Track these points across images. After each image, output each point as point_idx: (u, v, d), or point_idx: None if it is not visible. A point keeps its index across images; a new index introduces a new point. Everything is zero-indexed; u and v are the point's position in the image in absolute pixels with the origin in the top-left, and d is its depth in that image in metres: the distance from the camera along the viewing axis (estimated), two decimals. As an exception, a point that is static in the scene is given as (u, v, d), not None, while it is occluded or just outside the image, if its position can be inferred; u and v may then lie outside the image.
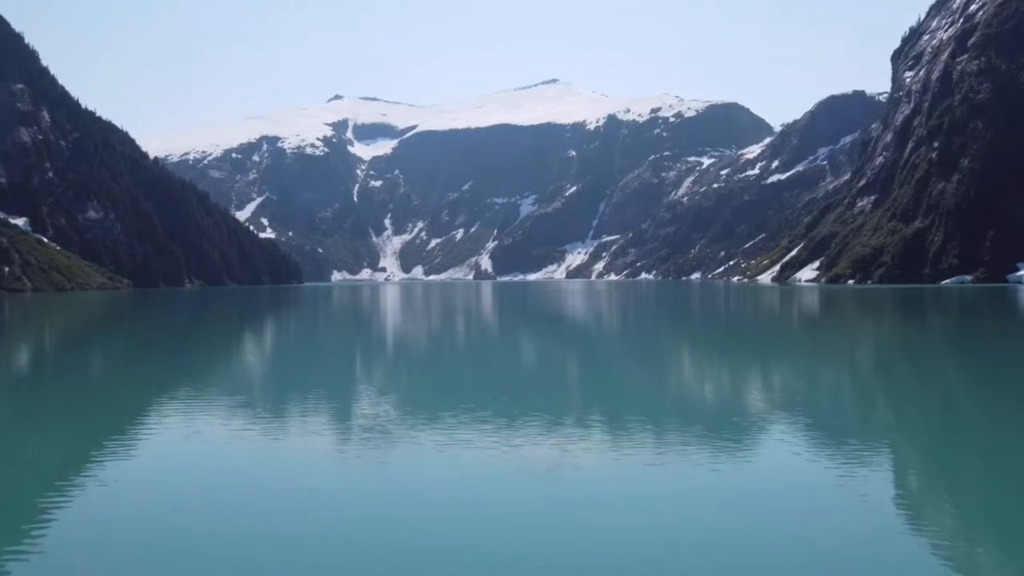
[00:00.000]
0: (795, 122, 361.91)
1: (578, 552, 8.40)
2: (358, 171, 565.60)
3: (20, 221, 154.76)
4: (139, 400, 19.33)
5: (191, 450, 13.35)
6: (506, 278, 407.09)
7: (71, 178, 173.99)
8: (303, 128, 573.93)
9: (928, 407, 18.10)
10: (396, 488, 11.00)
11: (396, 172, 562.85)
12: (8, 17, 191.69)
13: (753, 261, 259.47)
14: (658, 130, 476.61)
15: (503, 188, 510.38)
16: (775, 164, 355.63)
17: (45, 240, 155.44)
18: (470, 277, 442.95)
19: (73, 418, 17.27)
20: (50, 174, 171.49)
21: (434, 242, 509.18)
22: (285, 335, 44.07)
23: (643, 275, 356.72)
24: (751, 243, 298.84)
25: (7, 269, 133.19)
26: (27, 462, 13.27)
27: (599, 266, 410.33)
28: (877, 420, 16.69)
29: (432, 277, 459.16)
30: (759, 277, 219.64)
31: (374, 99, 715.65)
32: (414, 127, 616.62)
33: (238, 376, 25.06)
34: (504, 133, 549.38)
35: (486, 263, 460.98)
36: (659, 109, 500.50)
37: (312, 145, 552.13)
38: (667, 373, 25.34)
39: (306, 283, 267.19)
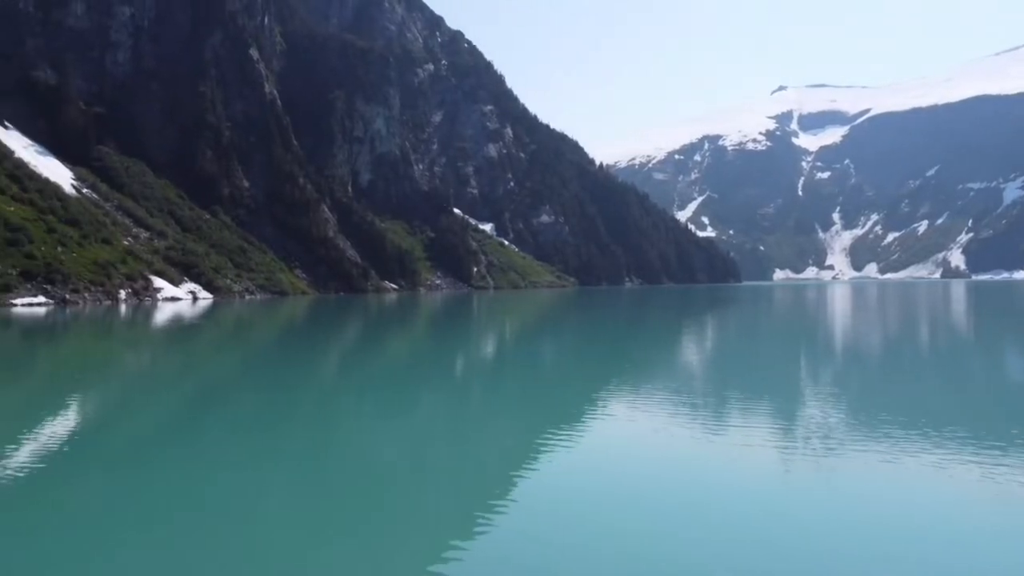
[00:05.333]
0: None
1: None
2: (803, 163, 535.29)
3: (487, 226, 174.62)
4: (588, 389, 19.47)
5: (626, 444, 12.79)
6: (984, 276, 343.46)
7: (527, 186, 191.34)
8: (744, 124, 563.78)
9: None
10: (850, 505, 9.24)
11: (846, 161, 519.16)
12: (481, 48, 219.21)
13: None
14: None
15: (980, 171, 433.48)
16: None
17: (506, 243, 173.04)
18: (936, 276, 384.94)
19: (528, 406, 17.30)
20: (511, 184, 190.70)
21: (891, 236, 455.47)
22: (727, 332, 42.39)
23: None
24: None
25: (475, 269, 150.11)
26: (483, 447, 13.24)
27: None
28: None
29: (888, 276, 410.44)
30: None
31: (822, 85, 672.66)
32: (867, 111, 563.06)
33: (679, 369, 24.32)
34: (982, 106, 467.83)
35: (957, 259, 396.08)
36: None
37: (754, 140, 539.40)
38: None
39: (745, 282, 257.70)
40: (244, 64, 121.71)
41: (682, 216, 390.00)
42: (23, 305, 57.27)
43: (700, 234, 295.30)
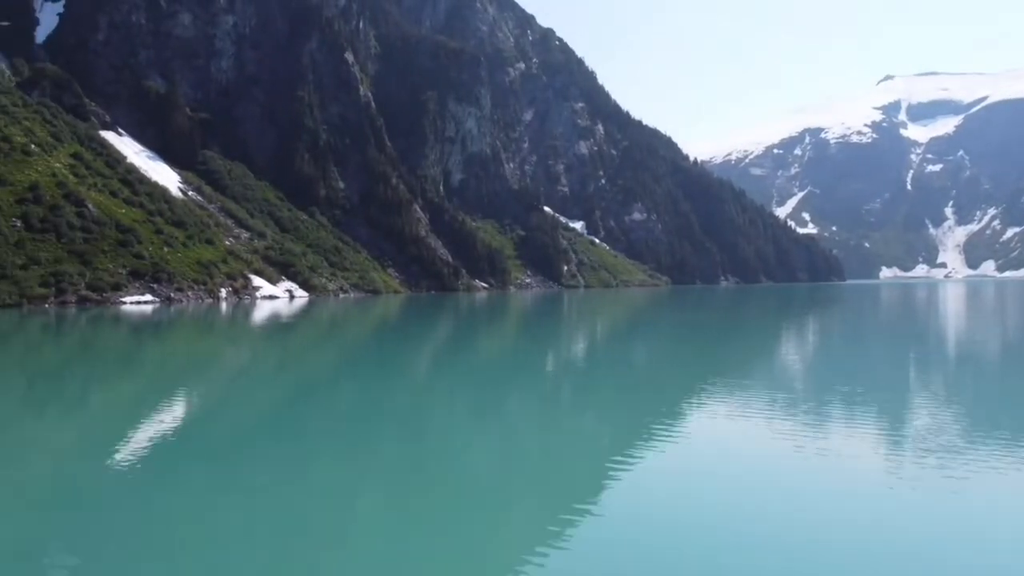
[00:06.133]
0: None
1: None
2: (912, 156, 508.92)
3: (578, 225, 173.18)
4: (682, 392, 18.84)
5: (721, 451, 12.13)
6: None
7: (619, 183, 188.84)
8: (848, 115, 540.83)
9: None
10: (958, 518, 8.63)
11: (960, 153, 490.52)
12: (572, 45, 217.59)
13: None
14: None
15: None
16: None
17: (596, 241, 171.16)
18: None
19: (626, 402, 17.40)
20: (602, 181, 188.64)
21: (1011, 232, 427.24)
22: (830, 336, 39.79)
23: None
24: None
25: (565, 268, 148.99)
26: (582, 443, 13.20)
27: None
28: None
29: (1007, 274, 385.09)
30: None
31: (932, 73, 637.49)
32: (983, 99, 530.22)
33: (777, 374, 22.83)
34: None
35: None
36: None
37: (858, 132, 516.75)
38: None
39: (849, 281, 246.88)
40: (340, 68, 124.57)
41: (781, 212, 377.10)
42: (132, 303, 59.99)
43: (800, 231, 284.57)
